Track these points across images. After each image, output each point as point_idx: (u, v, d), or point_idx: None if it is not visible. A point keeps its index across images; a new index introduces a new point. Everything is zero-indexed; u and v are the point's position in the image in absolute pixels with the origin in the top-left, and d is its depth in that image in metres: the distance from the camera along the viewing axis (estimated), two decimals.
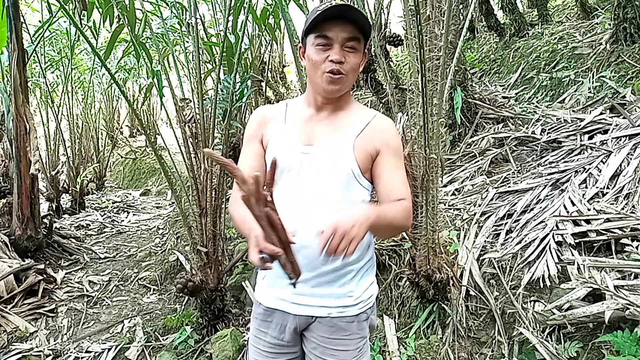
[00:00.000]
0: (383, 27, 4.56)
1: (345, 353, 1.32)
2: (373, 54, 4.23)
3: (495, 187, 3.15)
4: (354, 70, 1.28)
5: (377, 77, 4.64)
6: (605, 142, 3.02)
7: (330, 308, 1.30)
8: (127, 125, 12.00)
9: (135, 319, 3.37)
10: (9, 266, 3.54)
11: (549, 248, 2.31)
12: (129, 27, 2.84)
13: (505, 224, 2.71)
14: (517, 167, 3.39)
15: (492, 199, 3.01)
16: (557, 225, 2.43)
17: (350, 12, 1.21)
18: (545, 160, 3.25)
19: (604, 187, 2.61)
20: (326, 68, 1.25)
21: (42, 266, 3.76)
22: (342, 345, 1.32)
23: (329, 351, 1.31)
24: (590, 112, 3.48)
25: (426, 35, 1.96)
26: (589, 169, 2.82)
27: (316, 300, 1.30)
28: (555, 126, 3.56)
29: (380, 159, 1.31)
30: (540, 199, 2.79)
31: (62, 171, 6.89)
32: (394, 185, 1.30)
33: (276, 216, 1.01)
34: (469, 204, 3.08)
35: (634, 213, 2.31)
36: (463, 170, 3.62)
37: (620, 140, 2.95)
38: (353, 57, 1.26)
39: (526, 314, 2.15)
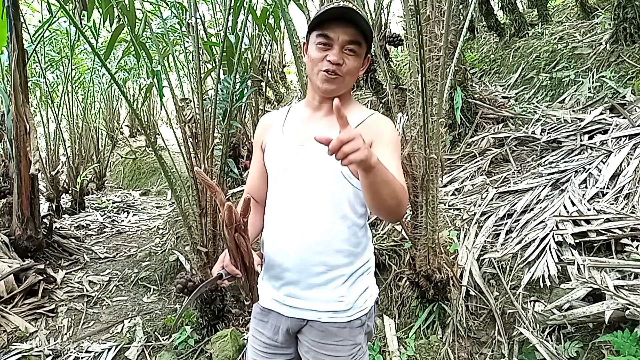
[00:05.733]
0: (383, 27, 4.56)
1: (337, 359, 1.29)
2: (373, 53, 4.23)
3: (495, 187, 3.15)
4: (351, 73, 1.26)
5: (377, 77, 4.64)
6: (605, 142, 3.02)
7: (321, 312, 1.28)
8: (127, 125, 11.99)
9: (135, 319, 3.37)
10: (9, 266, 3.54)
11: (549, 248, 2.31)
12: (129, 27, 2.84)
13: (505, 224, 2.71)
14: (517, 167, 3.39)
15: (492, 199, 3.01)
16: (557, 225, 2.43)
17: (354, 15, 1.21)
18: (545, 160, 3.25)
19: (604, 187, 2.61)
20: (323, 67, 1.25)
21: (42, 266, 3.76)
22: (334, 351, 1.29)
23: (320, 356, 1.30)
24: (590, 112, 3.48)
25: (426, 35, 1.96)
26: (589, 169, 2.82)
27: (307, 303, 1.29)
28: (555, 126, 3.56)
29: (373, 149, 1.22)
30: (540, 199, 2.79)
31: (62, 171, 6.88)
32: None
33: (244, 243, 1.10)
34: (469, 204, 3.08)
35: (634, 213, 2.31)
36: (463, 170, 3.62)
37: (620, 140, 2.96)
38: (352, 60, 1.25)
39: (526, 314, 2.15)
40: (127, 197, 8.21)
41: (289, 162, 1.31)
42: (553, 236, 2.37)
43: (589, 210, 2.45)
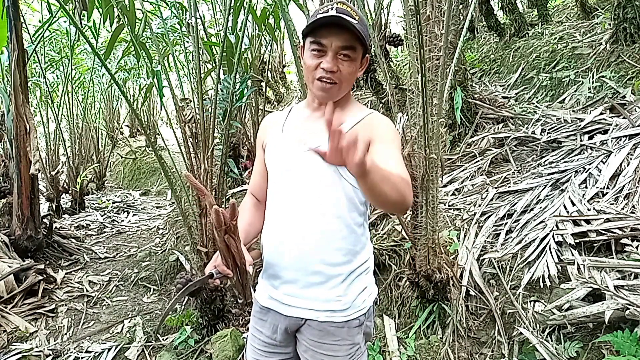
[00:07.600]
0: (383, 27, 4.56)
1: (334, 359, 1.29)
2: (373, 54, 4.23)
3: (495, 187, 3.15)
4: (347, 79, 1.27)
5: (377, 77, 4.64)
6: (605, 142, 3.02)
7: (318, 312, 1.28)
8: (127, 125, 11.99)
9: (135, 319, 3.37)
10: (9, 266, 3.54)
11: (549, 248, 2.31)
12: (129, 27, 2.84)
13: (505, 224, 2.71)
14: (517, 167, 3.39)
15: (492, 199, 3.01)
16: (557, 225, 2.43)
17: (346, 22, 1.20)
18: (545, 160, 3.25)
19: (604, 187, 2.61)
20: (317, 74, 1.25)
21: (42, 266, 3.76)
22: (331, 350, 1.29)
23: (318, 355, 1.30)
24: (590, 112, 3.48)
25: (426, 35, 1.96)
26: (589, 169, 2.82)
27: (305, 302, 1.29)
28: (555, 126, 3.56)
29: (373, 148, 1.23)
30: (540, 199, 2.79)
31: (62, 171, 6.88)
32: (387, 161, 1.13)
33: (235, 244, 1.15)
34: (469, 204, 3.08)
35: (634, 213, 2.31)
36: (463, 170, 3.62)
37: (620, 140, 2.96)
38: (347, 65, 1.25)
39: (526, 314, 2.15)
40: (127, 197, 8.21)
41: (291, 163, 1.31)
42: (553, 236, 2.37)
43: (589, 210, 2.45)
